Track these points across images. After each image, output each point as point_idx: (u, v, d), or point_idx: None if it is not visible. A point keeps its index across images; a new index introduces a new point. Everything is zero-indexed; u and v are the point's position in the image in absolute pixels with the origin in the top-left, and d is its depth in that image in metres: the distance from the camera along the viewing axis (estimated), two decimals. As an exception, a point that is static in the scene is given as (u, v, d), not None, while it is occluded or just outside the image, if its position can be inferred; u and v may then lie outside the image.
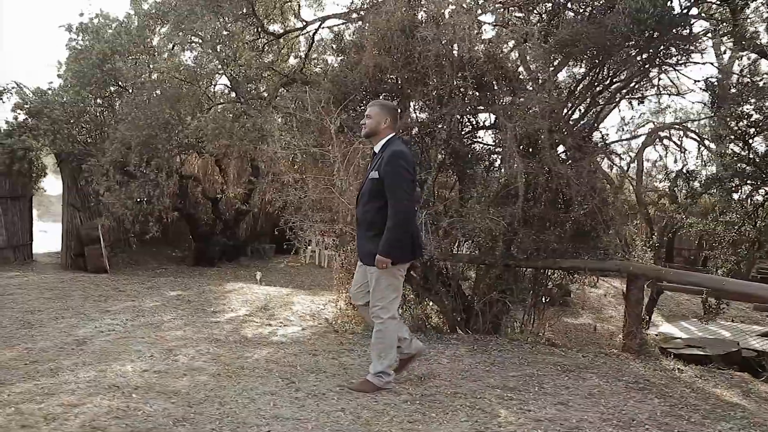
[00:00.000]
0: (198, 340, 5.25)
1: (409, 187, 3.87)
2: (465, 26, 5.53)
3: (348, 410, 3.68)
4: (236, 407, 3.62)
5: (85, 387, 3.83)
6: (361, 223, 4.09)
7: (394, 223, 3.78)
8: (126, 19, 11.70)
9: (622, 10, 5.02)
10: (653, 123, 15.13)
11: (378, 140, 4.04)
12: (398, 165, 3.82)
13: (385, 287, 3.94)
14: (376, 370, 4.04)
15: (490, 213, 5.45)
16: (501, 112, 5.59)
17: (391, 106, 4.20)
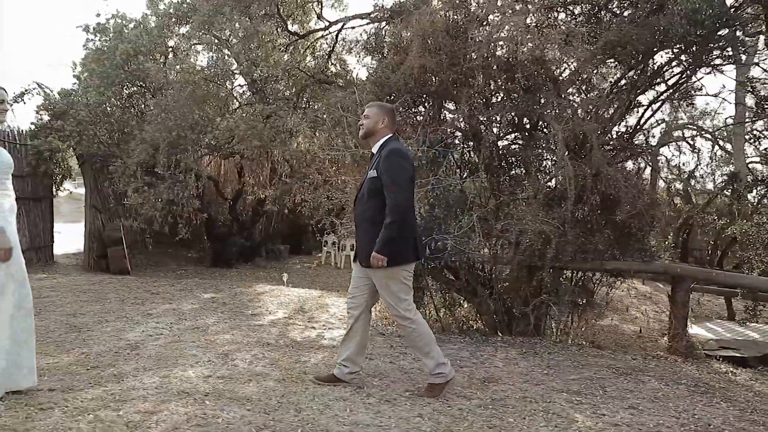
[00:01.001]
0: (249, 344, 5.21)
1: (407, 185, 3.84)
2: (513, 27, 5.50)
3: (425, 415, 3.65)
4: (313, 414, 3.58)
5: (155, 393, 3.79)
6: (360, 223, 4.03)
7: (392, 220, 3.73)
8: (142, 20, 11.66)
9: (677, 11, 5.00)
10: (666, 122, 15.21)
11: (375, 140, 4.01)
12: (397, 163, 3.80)
13: (398, 290, 3.90)
14: (431, 369, 3.99)
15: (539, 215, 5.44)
16: (549, 114, 5.56)
17: (388, 106, 4.16)
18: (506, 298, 6.35)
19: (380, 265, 3.76)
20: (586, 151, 5.88)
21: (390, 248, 3.75)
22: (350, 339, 4.11)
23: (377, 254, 3.75)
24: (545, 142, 5.71)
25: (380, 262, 3.76)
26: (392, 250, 3.77)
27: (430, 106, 5.98)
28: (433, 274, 6.26)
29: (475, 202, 5.72)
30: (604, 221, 5.91)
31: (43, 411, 3.43)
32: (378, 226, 3.80)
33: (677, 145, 11.98)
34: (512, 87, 5.69)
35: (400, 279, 3.88)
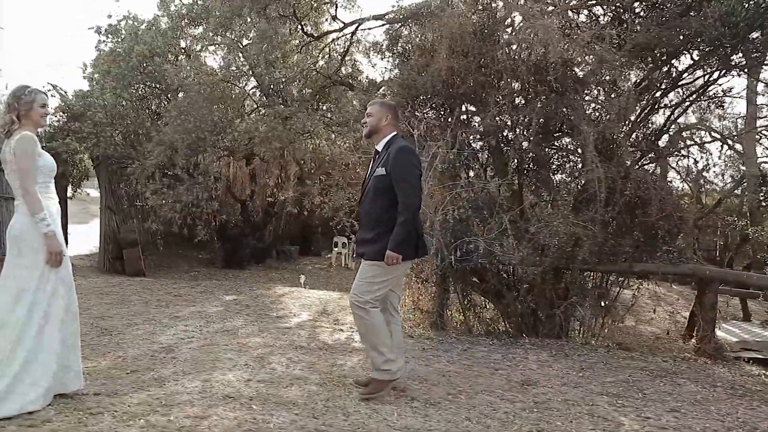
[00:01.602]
0: (282, 348, 5.21)
1: (418, 183, 3.83)
2: (542, 30, 5.50)
3: (473, 419, 3.67)
4: (362, 418, 3.59)
5: (200, 398, 3.79)
6: (364, 221, 3.99)
7: (405, 218, 3.71)
8: (154, 21, 11.63)
9: (711, 13, 5.01)
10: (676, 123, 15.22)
11: (379, 138, 3.98)
12: (407, 161, 3.78)
13: (378, 282, 3.83)
14: (377, 364, 3.88)
15: (569, 217, 5.45)
16: (578, 116, 5.56)
17: (391, 103, 4.15)
18: (532, 300, 6.36)
19: (395, 263, 3.73)
20: (614, 153, 5.90)
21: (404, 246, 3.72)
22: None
23: (392, 252, 3.71)
24: (574, 144, 5.71)
25: (395, 261, 3.73)
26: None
27: (458, 108, 5.96)
28: (458, 276, 6.26)
29: (503, 204, 5.71)
30: (631, 223, 5.92)
31: (93, 416, 3.43)
32: (383, 225, 3.78)
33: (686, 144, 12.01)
34: (541, 89, 5.68)
35: (386, 274, 3.82)
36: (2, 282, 3.61)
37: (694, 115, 6.63)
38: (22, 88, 3.68)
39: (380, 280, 3.84)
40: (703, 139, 11.96)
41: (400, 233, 3.71)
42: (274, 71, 8.61)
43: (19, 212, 3.63)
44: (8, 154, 3.58)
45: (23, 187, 3.56)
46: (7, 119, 3.62)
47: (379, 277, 3.83)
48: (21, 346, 3.47)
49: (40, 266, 3.58)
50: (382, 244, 3.76)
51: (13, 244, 3.61)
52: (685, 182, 6.60)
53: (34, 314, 3.53)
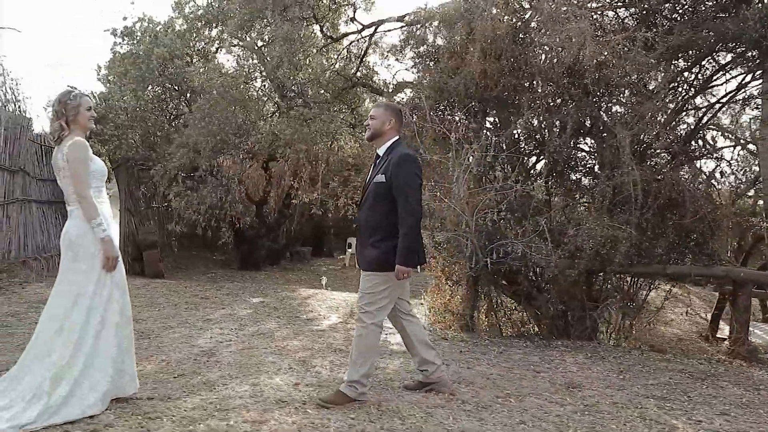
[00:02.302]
0: (322, 351, 5.22)
1: (419, 191, 3.72)
2: (576, 32, 5.51)
3: (528, 422, 3.68)
4: (418, 421, 3.60)
5: (253, 402, 3.80)
6: (363, 228, 3.87)
7: (409, 228, 3.60)
8: (169, 23, 11.65)
9: (750, 15, 5.02)
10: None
11: (382, 142, 3.85)
12: (409, 169, 3.66)
13: (379, 292, 3.73)
14: (350, 378, 3.79)
15: (604, 220, 5.47)
16: (613, 119, 5.57)
17: (395, 107, 4.01)
18: (563, 302, 6.37)
19: (406, 277, 3.67)
20: (645, 156, 5.92)
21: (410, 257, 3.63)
22: (408, 346, 4.12)
23: (402, 267, 3.62)
24: (607, 146, 5.72)
25: (405, 275, 3.65)
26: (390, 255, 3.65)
27: (491, 111, 5.97)
28: (490, 278, 6.27)
29: (538, 207, 5.72)
30: (663, 225, 5.93)
31: (152, 420, 3.43)
32: (382, 231, 3.70)
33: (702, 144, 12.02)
34: (574, 92, 5.69)
35: (388, 284, 3.74)
36: (58, 287, 3.62)
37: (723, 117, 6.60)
38: (66, 93, 3.66)
39: (381, 289, 3.74)
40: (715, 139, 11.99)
41: (404, 246, 3.61)
42: (297, 73, 8.61)
43: (74, 218, 3.63)
44: (61, 160, 3.58)
45: (78, 192, 3.56)
46: (56, 126, 3.61)
47: (379, 286, 3.73)
48: (80, 350, 3.48)
49: (96, 271, 3.59)
50: (380, 251, 3.69)
51: (69, 249, 3.62)
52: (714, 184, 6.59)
53: (92, 319, 3.54)
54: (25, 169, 8.80)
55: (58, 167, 3.63)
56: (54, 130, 3.60)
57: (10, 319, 5.92)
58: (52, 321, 3.54)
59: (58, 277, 3.67)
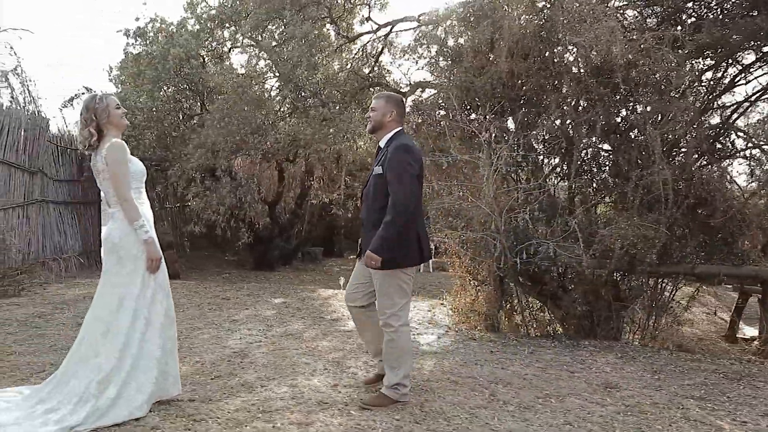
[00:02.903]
0: (353, 351, 5.21)
1: (412, 182, 3.56)
2: (605, 31, 5.49)
3: (573, 422, 3.66)
4: (463, 422, 3.59)
5: (295, 404, 3.79)
6: (366, 222, 3.80)
7: (392, 218, 3.48)
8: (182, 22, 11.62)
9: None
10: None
11: (383, 134, 3.77)
12: (402, 159, 3.55)
13: (393, 293, 3.67)
14: (391, 382, 3.75)
15: (634, 219, 5.45)
16: (643, 118, 5.55)
17: (396, 98, 3.88)
18: (589, 302, 6.34)
19: (373, 265, 3.56)
20: (675, 154, 5.90)
21: (388, 248, 3.53)
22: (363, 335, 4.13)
23: (372, 254, 3.52)
24: (637, 145, 5.70)
25: (374, 262, 3.55)
26: (394, 251, 3.57)
27: (519, 111, 5.95)
28: (517, 278, 6.24)
29: (566, 207, 5.70)
30: (693, 225, 5.91)
31: (197, 422, 3.43)
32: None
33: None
34: (603, 91, 5.67)
35: (398, 281, 3.67)
36: (102, 289, 3.61)
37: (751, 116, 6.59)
38: (92, 98, 3.61)
39: (396, 289, 3.67)
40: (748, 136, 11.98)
41: (382, 235, 3.51)
42: (316, 73, 8.59)
43: (116, 220, 3.61)
44: (100, 163, 3.55)
45: (119, 195, 3.54)
46: (86, 134, 3.55)
47: (392, 285, 3.67)
48: (127, 353, 3.47)
49: (140, 273, 3.58)
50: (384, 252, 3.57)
51: (112, 252, 3.60)
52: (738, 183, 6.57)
53: (137, 321, 3.53)
54: (43, 170, 8.80)
55: (97, 170, 3.60)
56: (84, 138, 3.55)
57: (37, 320, 5.91)
58: (98, 323, 3.52)
59: (101, 280, 3.66)
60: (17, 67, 8.29)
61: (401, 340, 3.72)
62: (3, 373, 4.18)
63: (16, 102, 8.12)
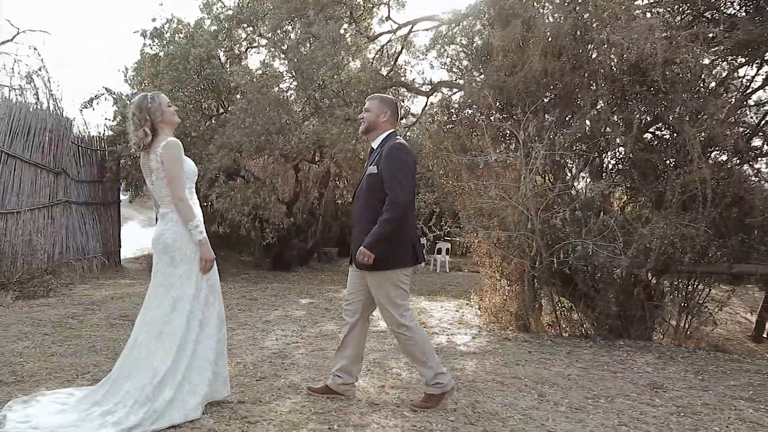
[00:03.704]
0: (392, 352, 5.18)
1: (408, 183, 3.53)
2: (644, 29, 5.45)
3: (627, 423, 3.63)
4: (518, 423, 3.56)
5: (347, 405, 3.76)
6: (357, 223, 3.73)
7: (389, 217, 3.44)
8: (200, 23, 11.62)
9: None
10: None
11: (376, 135, 3.73)
12: (399, 159, 3.52)
13: (393, 297, 3.61)
14: (428, 377, 3.68)
15: (672, 219, 5.41)
16: (681, 117, 5.51)
17: (390, 99, 3.86)
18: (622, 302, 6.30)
19: (366, 261, 3.48)
20: (710, 152, 5.86)
21: (382, 246, 3.47)
22: (344, 348, 3.87)
23: (365, 250, 3.47)
24: (672, 144, 5.66)
25: (366, 259, 3.47)
26: (390, 251, 3.52)
27: (554, 110, 5.92)
28: (551, 278, 6.21)
29: (603, 206, 5.67)
30: (728, 224, 5.87)
31: (253, 425, 3.40)
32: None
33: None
34: (639, 90, 5.63)
35: (396, 283, 3.61)
36: (154, 291, 3.58)
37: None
38: (143, 98, 3.55)
39: (395, 293, 3.60)
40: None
41: (378, 231, 3.46)
42: (340, 72, 8.56)
43: (168, 220, 3.58)
44: (154, 162, 3.51)
45: (174, 194, 3.51)
46: (141, 134, 3.50)
47: (390, 289, 3.59)
48: (182, 355, 3.44)
49: (194, 274, 3.55)
50: (378, 250, 3.51)
51: (165, 253, 3.56)
52: None
53: (192, 323, 3.50)
54: (66, 171, 8.80)
55: (150, 169, 3.56)
56: (139, 139, 3.51)
57: (70, 321, 5.90)
58: (151, 325, 3.49)
59: (152, 281, 3.62)
60: (41, 68, 8.29)
61: (418, 335, 3.68)
62: (49, 374, 4.17)
63: (41, 103, 8.11)
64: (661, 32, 5.34)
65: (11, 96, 7.15)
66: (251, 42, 11.90)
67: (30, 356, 4.59)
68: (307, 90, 8.19)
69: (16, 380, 4.01)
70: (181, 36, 11.41)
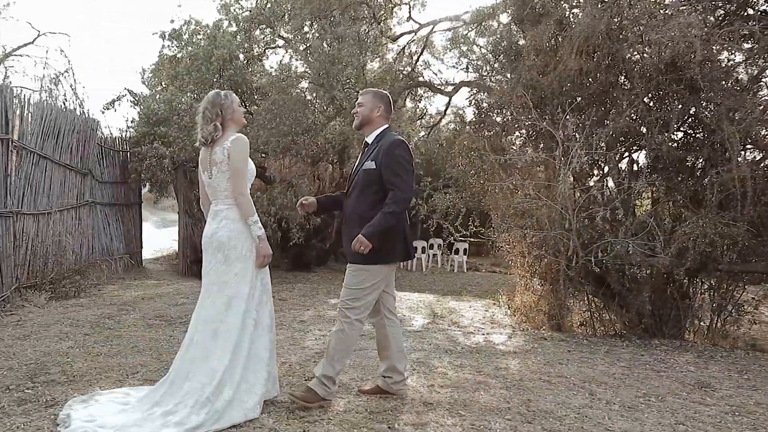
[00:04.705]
0: (434, 351, 5.19)
1: (410, 179, 3.54)
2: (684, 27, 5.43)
3: (686, 423, 3.63)
4: (574, 422, 3.56)
5: (401, 404, 3.76)
6: (350, 218, 3.70)
7: (394, 210, 3.42)
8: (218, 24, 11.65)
9: None
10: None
11: (371, 130, 3.70)
12: (400, 156, 3.51)
13: (367, 288, 3.57)
14: (324, 372, 3.60)
15: (711, 217, 5.39)
16: (719, 115, 5.49)
17: (383, 93, 3.82)
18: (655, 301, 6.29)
19: (362, 250, 3.42)
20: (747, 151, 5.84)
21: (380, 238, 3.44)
22: (383, 349, 3.86)
23: (364, 239, 3.39)
24: (711, 142, 5.65)
25: (363, 247, 3.41)
26: (379, 249, 3.49)
27: (590, 109, 5.91)
28: (582, 277, 6.20)
29: (640, 205, 5.66)
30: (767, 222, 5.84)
31: (312, 424, 3.40)
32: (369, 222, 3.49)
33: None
34: (676, 88, 5.62)
35: (377, 274, 3.58)
36: (208, 289, 3.58)
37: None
38: (216, 95, 3.62)
39: (369, 285, 3.59)
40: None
41: (381, 223, 3.42)
42: (365, 73, 8.57)
43: (223, 218, 3.58)
44: (219, 155, 3.50)
45: (238, 190, 3.51)
46: (211, 128, 3.54)
47: (367, 281, 3.58)
48: (239, 354, 3.45)
49: (248, 273, 3.56)
50: (375, 240, 3.45)
51: (218, 251, 3.57)
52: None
53: (247, 321, 3.51)
54: (92, 172, 8.84)
55: (213, 162, 3.54)
56: (209, 133, 3.54)
57: (107, 321, 5.92)
58: (207, 324, 3.50)
59: (205, 280, 3.63)
60: (68, 70, 8.33)
61: (352, 333, 3.61)
62: (99, 374, 4.18)
63: (68, 104, 8.15)
64: (700, 30, 5.31)
65: (42, 98, 7.17)
66: (268, 43, 11.92)
67: (76, 356, 4.61)
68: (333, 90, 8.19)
69: (67, 380, 4.03)
70: (199, 37, 11.46)
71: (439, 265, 15.25)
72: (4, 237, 6.18)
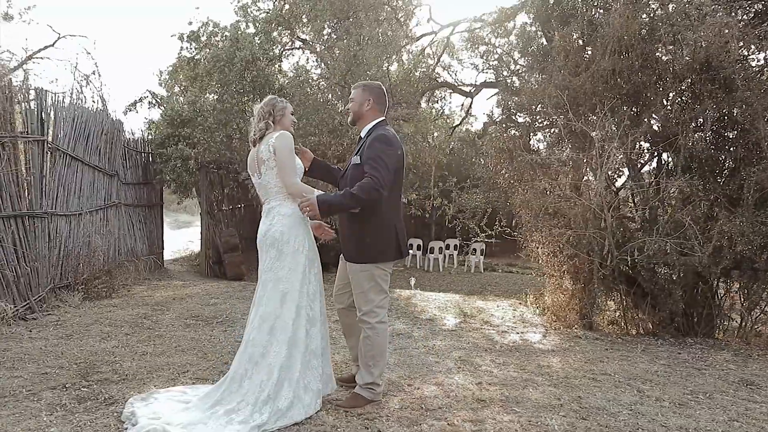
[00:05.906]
0: (474, 350, 5.24)
1: (386, 173, 3.37)
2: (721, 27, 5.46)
3: (738, 419, 3.66)
4: (631, 418, 3.59)
5: (455, 402, 3.81)
6: (343, 214, 3.68)
7: (355, 193, 3.31)
8: (237, 25, 11.71)
9: None
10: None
11: (364, 124, 3.64)
12: (380, 148, 3.40)
13: (368, 290, 3.58)
14: (365, 381, 3.64)
15: (747, 217, 5.42)
16: (755, 114, 5.52)
17: (375, 85, 3.71)
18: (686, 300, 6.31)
19: (307, 211, 3.40)
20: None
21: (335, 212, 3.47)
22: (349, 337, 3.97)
23: (313, 200, 3.35)
24: (745, 142, 5.68)
25: (308, 209, 3.38)
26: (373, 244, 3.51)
27: (623, 109, 5.94)
28: (615, 277, 6.22)
29: (676, 205, 5.69)
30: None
31: (371, 421, 3.44)
32: (362, 217, 3.50)
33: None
34: (711, 88, 5.65)
35: (374, 274, 3.57)
36: (264, 286, 3.62)
37: None
38: (273, 98, 3.71)
39: (373, 284, 3.58)
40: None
41: (338, 200, 3.38)
42: (391, 73, 8.61)
43: (276, 215, 3.61)
44: (266, 152, 3.54)
45: (286, 181, 3.52)
46: (263, 125, 3.61)
47: (369, 281, 3.58)
48: (295, 349, 3.49)
49: (301, 267, 3.60)
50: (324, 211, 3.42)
51: (272, 247, 3.61)
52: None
53: (300, 316, 3.55)
54: (118, 174, 8.90)
55: (261, 159, 3.57)
56: (260, 129, 3.61)
57: (145, 321, 5.97)
58: (263, 322, 3.53)
59: (261, 277, 3.67)
60: (95, 72, 8.39)
61: (378, 337, 3.62)
62: (149, 373, 4.23)
63: (96, 106, 8.21)
64: (736, 29, 5.35)
65: (72, 100, 7.23)
66: (285, 45, 11.98)
67: (123, 356, 4.66)
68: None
69: (120, 378, 4.08)
70: (217, 39, 11.53)
71: (455, 265, 15.29)
72: (40, 238, 6.24)
